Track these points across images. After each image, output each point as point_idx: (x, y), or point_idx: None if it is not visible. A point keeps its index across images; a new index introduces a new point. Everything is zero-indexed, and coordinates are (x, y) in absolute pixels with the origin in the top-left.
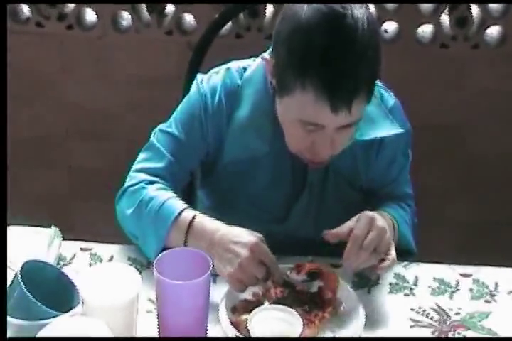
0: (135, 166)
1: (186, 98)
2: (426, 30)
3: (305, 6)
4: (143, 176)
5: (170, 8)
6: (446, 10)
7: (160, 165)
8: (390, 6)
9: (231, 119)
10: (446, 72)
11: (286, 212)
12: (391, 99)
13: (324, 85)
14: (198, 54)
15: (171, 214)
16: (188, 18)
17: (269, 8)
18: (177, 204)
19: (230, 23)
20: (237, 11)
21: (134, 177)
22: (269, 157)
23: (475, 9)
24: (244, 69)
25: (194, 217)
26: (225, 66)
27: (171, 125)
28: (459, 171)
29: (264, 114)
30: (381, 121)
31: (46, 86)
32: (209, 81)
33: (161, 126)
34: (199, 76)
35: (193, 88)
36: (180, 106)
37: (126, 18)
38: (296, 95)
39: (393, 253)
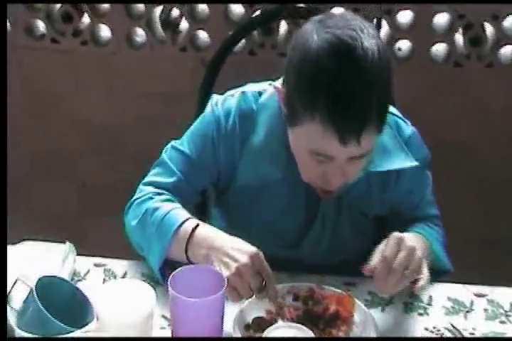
0: (144, 180)
1: (200, 118)
2: (440, 48)
3: (315, 35)
4: (151, 189)
5: (184, 24)
6: (460, 29)
7: (169, 180)
8: (404, 24)
9: (245, 144)
10: (459, 90)
11: (299, 238)
12: (408, 129)
13: (332, 116)
14: (212, 70)
15: (174, 224)
16: (202, 35)
17: (283, 26)
18: (180, 214)
19: (243, 40)
20: (251, 28)
21: (142, 190)
22: (283, 183)
23: (489, 28)
24: (260, 93)
25: (196, 226)
26: (240, 89)
27: (183, 143)
28: (475, 189)
29: (278, 140)
30: (396, 153)
31: (60, 101)
32: (224, 103)
33: (174, 143)
34: (214, 97)
35: (208, 109)
36: (193, 125)
37: (140, 34)
38: (305, 125)
39: (425, 271)
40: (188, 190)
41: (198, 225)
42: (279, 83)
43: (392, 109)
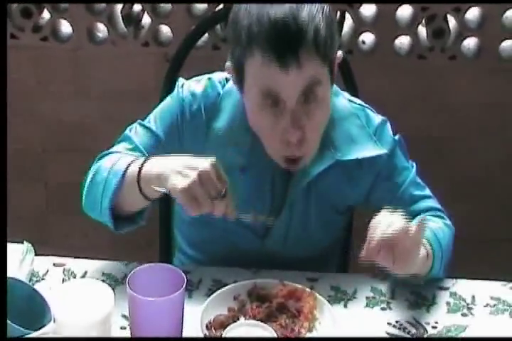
0: (102, 153)
1: (166, 101)
2: (403, 41)
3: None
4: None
5: (146, 19)
6: (423, 21)
7: (129, 149)
8: (367, 18)
9: (209, 131)
10: (423, 82)
11: (266, 229)
12: (377, 118)
13: (269, 42)
14: (175, 66)
15: (120, 170)
16: (165, 30)
17: None
18: (126, 159)
19: (206, 35)
20: (214, 22)
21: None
22: (247, 170)
23: (452, 21)
24: (227, 80)
25: (142, 165)
26: (207, 75)
27: (149, 121)
28: (441, 184)
29: (242, 127)
30: (364, 142)
31: (21, 99)
32: (190, 88)
33: (140, 121)
34: (180, 80)
35: (174, 91)
36: (159, 107)
37: (102, 29)
38: (248, 68)
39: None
40: None
41: (145, 161)
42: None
43: (359, 100)
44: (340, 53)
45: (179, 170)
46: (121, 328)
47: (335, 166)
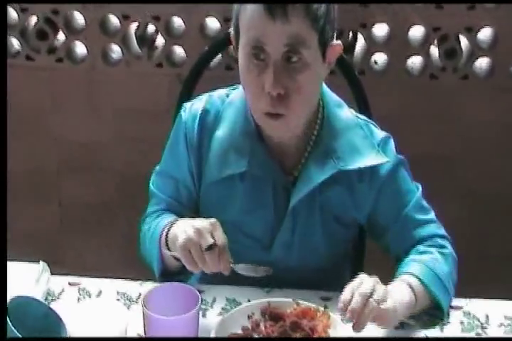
0: (144, 215)
1: (172, 131)
2: (415, 61)
3: None
4: (147, 219)
5: (160, 40)
6: (435, 41)
7: (160, 207)
8: (380, 38)
9: (211, 141)
10: (435, 102)
11: (270, 240)
12: (380, 133)
13: None
14: (188, 86)
15: (156, 238)
16: (178, 51)
17: None
18: (161, 225)
19: (219, 55)
20: (227, 43)
21: (142, 223)
22: (248, 178)
23: (464, 41)
24: (227, 95)
25: (170, 227)
26: (208, 93)
27: (161, 164)
28: (451, 203)
29: (242, 133)
30: (366, 151)
31: (36, 119)
32: (191, 108)
33: (155, 169)
34: (184, 105)
35: (178, 118)
36: (168, 142)
37: (116, 50)
38: (241, 21)
39: (389, 302)
40: (180, 208)
41: (170, 227)
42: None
43: (363, 116)
44: (337, 43)
45: (183, 230)
46: None
47: (337, 176)
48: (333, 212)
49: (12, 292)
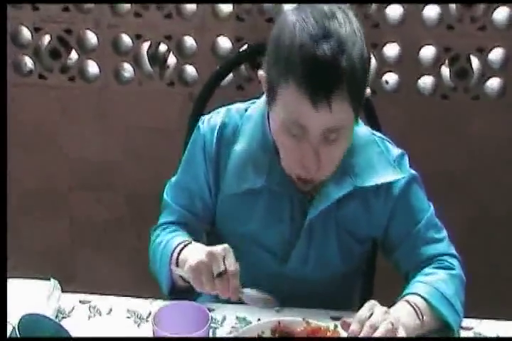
0: (155, 225)
1: (189, 143)
2: (426, 81)
3: (295, 11)
4: (158, 230)
5: (171, 59)
6: (447, 62)
7: (173, 218)
8: (391, 58)
9: (229, 155)
10: (446, 122)
11: (286, 253)
12: (396, 150)
13: (304, 77)
14: (199, 105)
15: (167, 257)
16: (190, 70)
17: None
18: (173, 243)
19: (231, 75)
20: (239, 62)
21: (153, 234)
22: (266, 193)
23: (475, 61)
24: (246, 109)
25: (182, 249)
26: (227, 106)
27: (178, 175)
28: (460, 221)
29: (261, 148)
30: (383, 168)
31: (48, 137)
32: (209, 121)
33: (170, 181)
34: (202, 117)
35: (195, 130)
36: (185, 154)
37: (128, 69)
38: (281, 95)
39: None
40: (194, 222)
41: (183, 248)
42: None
43: (379, 133)
44: (368, 90)
45: (194, 255)
46: None
47: (354, 193)
48: (348, 227)
49: (23, 309)
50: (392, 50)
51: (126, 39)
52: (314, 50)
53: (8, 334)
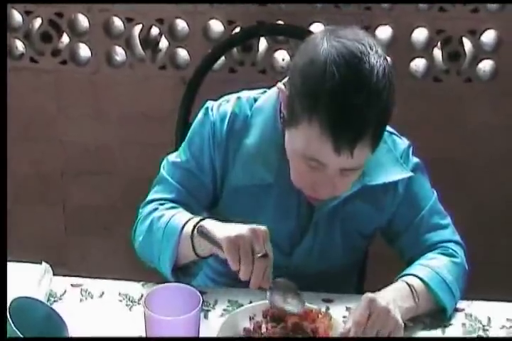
0: (146, 199)
1: (194, 125)
2: (419, 63)
3: (325, 42)
4: (154, 203)
5: (163, 43)
6: (439, 44)
7: (171, 196)
8: (383, 40)
9: (239, 146)
10: (439, 105)
11: (291, 247)
12: (403, 144)
13: (329, 123)
14: (192, 88)
15: (178, 225)
16: (182, 53)
17: (263, 43)
18: (183, 215)
19: (223, 58)
20: (231, 45)
21: (145, 208)
22: (274, 188)
23: (467, 43)
24: (255, 99)
25: (199, 222)
26: (236, 95)
27: (180, 154)
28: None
29: (271, 144)
30: (391, 166)
31: (40, 121)
32: (219, 109)
33: (170, 157)
34: (209, 103)
35: (202, 115)
36: (188, 133)
37: (120, 53)
38: (303, 128)
39: (401, 331)
40: (191, 202)
41: (200, 221)
42: (281, 84)
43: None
44: None
45: (228, 228)
46: None
47: (361, 191)
48: (354, 223)
49: (14, 292)
50: (384, 32)
51: (118, 22)
52: (343, 99)
53: None
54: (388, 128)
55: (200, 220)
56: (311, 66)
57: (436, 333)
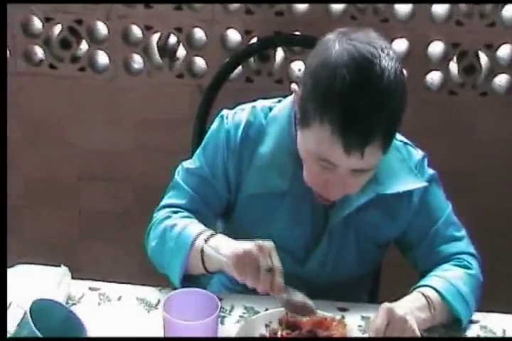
0: (160, 204)
1: (209, 133)
2: (434, 77)
3: (337, 45)
4: (167, 210)
5: (181, 51)
6: (455, 57)
7: (183, 201)
8: (399, 53)
9: (253, 155)
10: (454, 118)
11: (305, 255)
12: (417, 154)
13: (340, 124)
14: (208, 97)
15: (189, 238)
16: (199, 62)
17: (279, 53)
18: (196, 227)
19: (240, 67)
20: (248, 55)
21: (158, 213)
22: (289, 196)
23: (483, 57)
24: (270, 108)
25: (209, 237)
26: (251, 104)
27: (194, 161)
28: (463, 219)
29: (286, 153)
30: (405, 175)
31: (56, 127)
32: (234, 117)
33: (184, 164)
34: (224, 111)
35: (217, 123)
36: (203, 141)
37: (138, 61)
38: (314, 129)
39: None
40: (204, 208)
41: (211, 236)
42: (295, 85)
43: (400, 136)
44: None
45: (234, 247)
46: None
47: (375, 200)
48: (369, 233)
49: (34, 294)
50: (400, 45)
51: (137, 30)
52: (353, 101)
53: (19, 319)
54: (403, 138)
55: (211, 235)
56: (322, 68)
57: None
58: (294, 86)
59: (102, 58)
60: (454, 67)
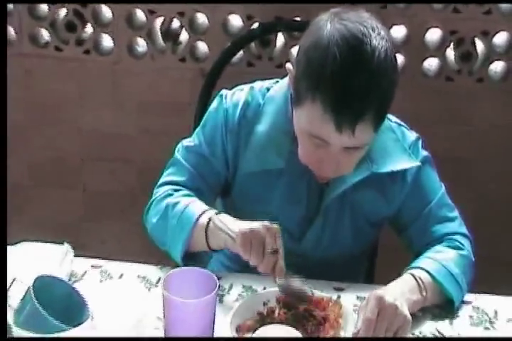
0: (160, 181)
1: (208, 112)
2: (432, 63)
3: (328, 24)
4: (168, 187)
5: (184, 36)
6: (452, 44)
7: (183, 178)
8: (397, 39)
9: (251, 133)
10: (450, 104)
11: (301, 232)
12: (412, 136)
13: (332, 102)
14: (210, 81)
15: (193, 215)
16: (202, 46)
17: (280, 38)
18: (199, 205)
19: (241, 52)
20: (249, 40)
21: (159, 190)
22: (285, 175)
23: (480, 44)
24: (268, 89)
25: (211, 218)
26: (249, 84)
27: (193, 139)
28: (463, 205)
29: (282, 132)
30: (398, 155)
31: (62, 108)
32: (232, 97)
33: (184, 142)
34: (223, 91)
35: (216, 102)
36: (203, 120)
37: (141, 44)
38: (306, 107)
39: (408, 327)
40: (203, 186)
41: (217, 214)
42: (290, 65)
43: (395, 118)
44: None
45: (241, 224)
46: (155, 329)
47: (370, 178)
48: (363, 211)
49: (37, 271)
50: (398, 32)
51: (140, 14)
52: (344, 80)
53: (22, 295)
54: (398, 120)
55: (216, 213)
56: (314, 48)
57: (444, 324)
58: (288, 65)
59: (107, 41)
60: (451, 53)
